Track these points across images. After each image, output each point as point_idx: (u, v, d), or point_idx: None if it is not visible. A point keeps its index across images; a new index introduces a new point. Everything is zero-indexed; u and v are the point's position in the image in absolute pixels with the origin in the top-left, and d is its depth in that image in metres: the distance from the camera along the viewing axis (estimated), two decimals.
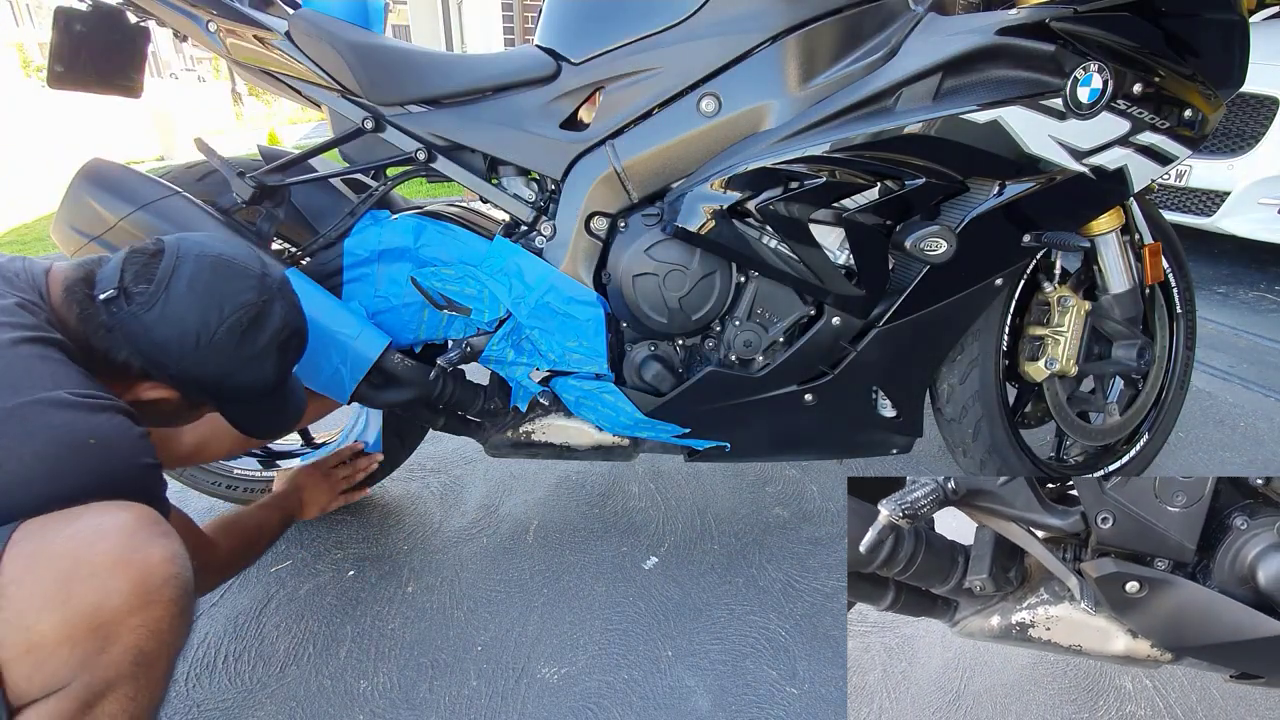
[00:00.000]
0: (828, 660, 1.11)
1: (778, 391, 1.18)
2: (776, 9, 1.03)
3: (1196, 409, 1.89)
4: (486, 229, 1.19)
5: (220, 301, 0.80)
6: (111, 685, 0.63)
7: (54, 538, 0.62)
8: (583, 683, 1.07)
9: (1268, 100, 2.76)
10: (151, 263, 0.78)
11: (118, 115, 7.31)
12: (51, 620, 0.59)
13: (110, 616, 0.61)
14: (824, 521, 1.44)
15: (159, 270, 0.78)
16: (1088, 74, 0.99)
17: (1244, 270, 3.15)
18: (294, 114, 12.83)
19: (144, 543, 0.65)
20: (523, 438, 1.25)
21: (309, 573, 1.30)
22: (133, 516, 0.66)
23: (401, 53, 1.10)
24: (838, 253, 1.12)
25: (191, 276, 0.79)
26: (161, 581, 0.65)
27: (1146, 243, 1.31)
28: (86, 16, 1.14)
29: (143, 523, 0.67)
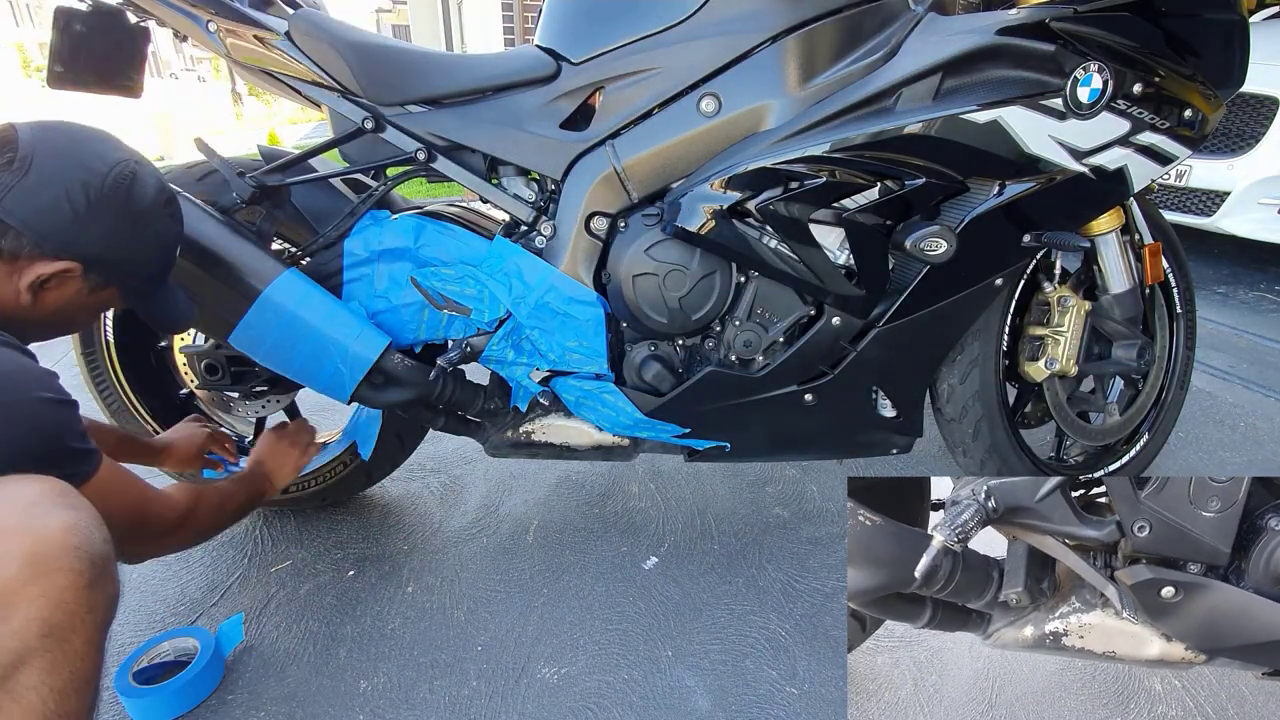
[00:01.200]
0: (828, 660, 1.11)
1: (778, 391, 1.18)
2: (776, 9, 1.03)
3: (1196, 409, 1.89)
4: (486, 229, 1.19)
5: (96, 158, 0.79)
6: (22, 657, 0.62)
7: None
8: (583, 683, 1.07)
9: (1268, 100, 2.76)
10: (7, 135, 0.76)
11: (118, 115, 7.30)
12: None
13: (5, 586, 0.61)
14: (824, 521, 1.44)
15: (18, 140, 0.76)
16: (1088, 74, 0.99)
17: (1244, 270, 3.15)
18: (294, 114, 12.83)
19: (42, 513, 0.64)
20: (523, 438, 1.25)
21: (309, 573, 1.30)
22: (36, 489, 0.66)
23: (401, 53, 1.10)
24: (838, 253, 1.12)
25: (57, 141, 0.78)
26: (60, 550, 0.64)
27: (1146, 243, 1.31)
28: (86, 16, 1.14)
29: (45, 494, 0.66)
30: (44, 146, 0.77)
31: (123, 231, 0.81)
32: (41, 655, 0.63)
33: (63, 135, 0.79)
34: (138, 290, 0.89)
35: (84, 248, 0.79)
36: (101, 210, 0.78)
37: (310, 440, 1.27)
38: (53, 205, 0.76)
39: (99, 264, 0.81)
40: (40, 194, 0.75)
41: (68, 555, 0.64)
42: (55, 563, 0.63)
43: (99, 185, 0.78)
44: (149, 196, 0.83)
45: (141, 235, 0.84)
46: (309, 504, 1.45)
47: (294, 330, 1.09)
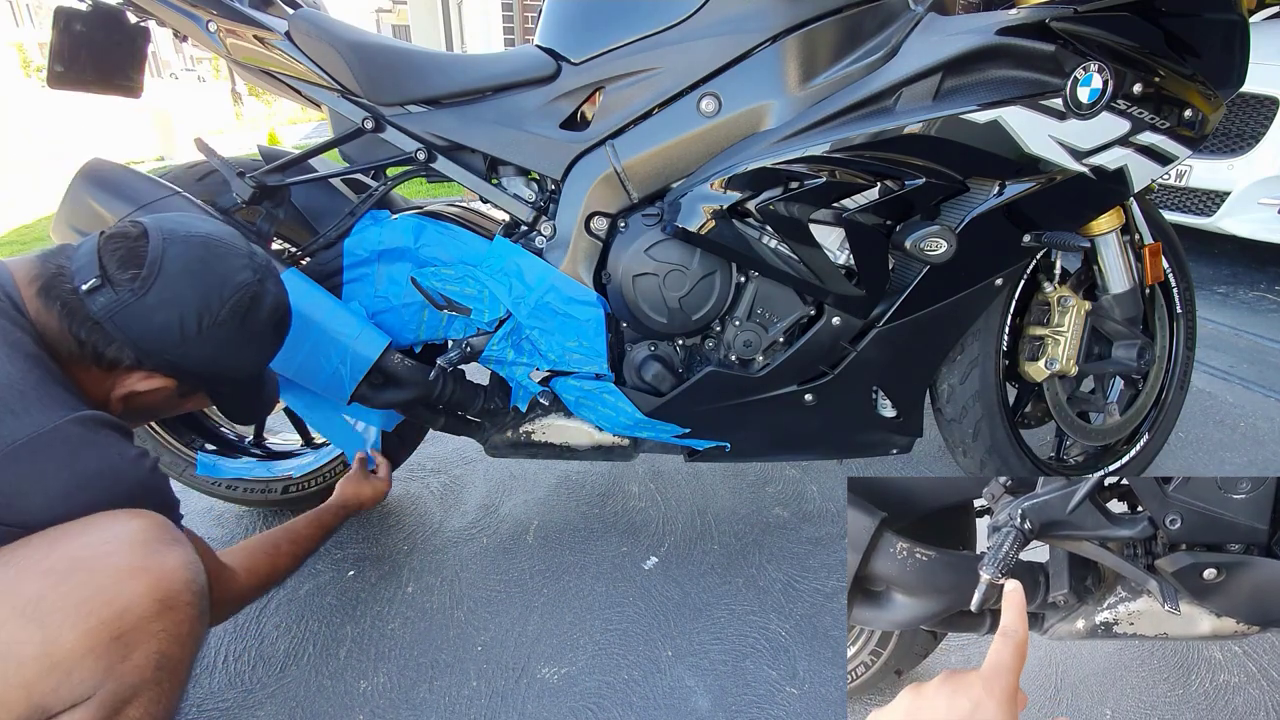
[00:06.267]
0: (828, 660, 1.11)
1: (778, 391, 1.18)
2: (776, 9, 1.03)
3: (1196, 409, 1.89)
4: (486, 229, 1.19)
5: (219, 282, 0.77)
6: (136, 691, 0.63)
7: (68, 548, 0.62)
8: (583, 683, 1.07)
9: (1268, 100, 2.76)
10: (136, 246, 0.74)
11: (118, 115, 7.31)
12: (74, 631, 0.59)
13: (132, 624, 0.62)
14: (824, 522, 1.44)
15: (147, 253, 0.74)
16: (1088, 74, 0.99)
17: (1244, 270, 3.15)
18: (294, 114, 12.83)
19: (158, 549, 0.65)
20: (523, 438, 1.25)
21: (309, 573, 1.30)
22: (142, 524, 0.66)
23: (401, 53, 1.10)
24: (838, 253, 1.12)
25: (185, 258, 0.75)
26: (181, 586, 0.65)
27: (1146, 243, 1.31)
28: (86, 16, 1.14)
29: (154, 530, 0.67)
30: (171, 264, 0.75)
31: (227, 355, 0.80)
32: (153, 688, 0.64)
33: (194, 250, 0.77)
34: (226, 394, 0.89)
35: (183, 367, 0.78)
36: (211, 336, 0.77)
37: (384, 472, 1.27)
38: (163, 329, 0.74)
39: (194, 379, 0.81)
40: (153, 316, 0.73)
41: (187, 590, 0.66)
42: (176, 599, 0.65)
43: (215, 313, 0.76)
44: (262, 321, 0.81)
45: (244, 354, 0.82)
46: (309, 504, 1.45)
47: (294, 330, 1.08)
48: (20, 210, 4.63)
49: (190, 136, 1.25)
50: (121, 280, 0.73)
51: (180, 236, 0.77)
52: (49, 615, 0.59)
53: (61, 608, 0.60)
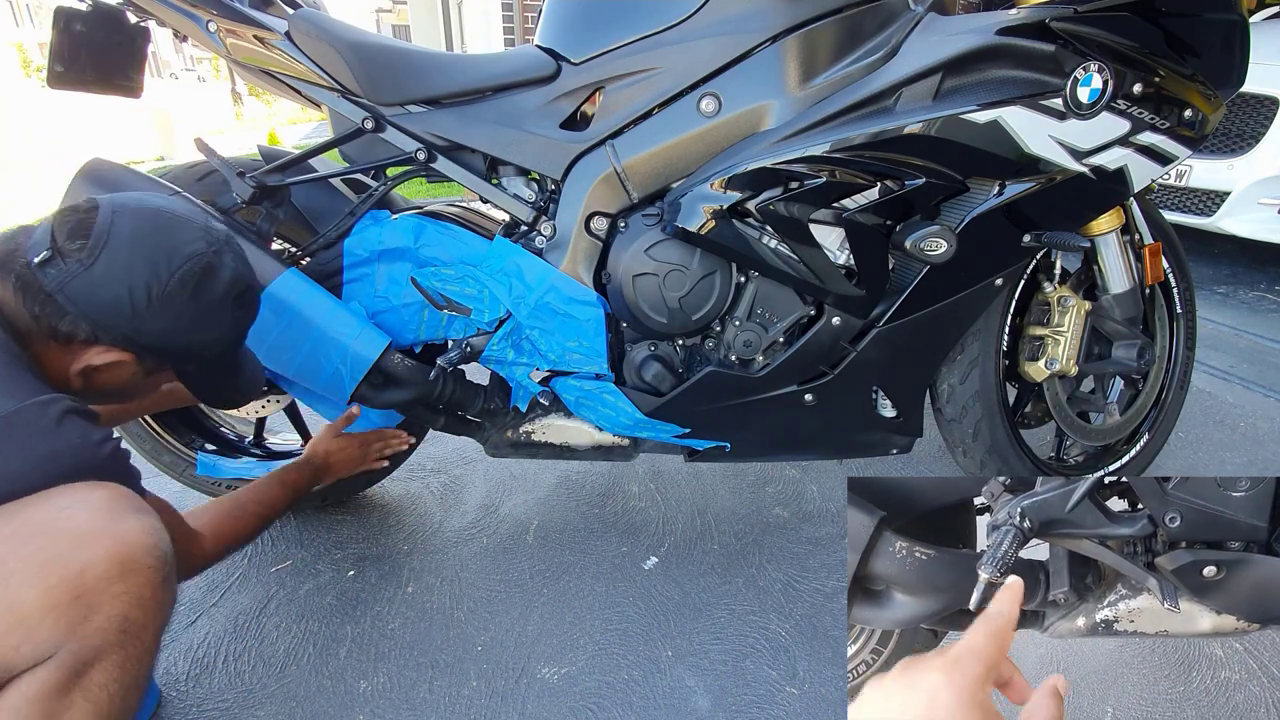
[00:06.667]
0: (828, 660, 1.11)
1: (778, 391, 1.18)
2: (776, 9, 1.03)
3: (1196, 409, 1.89)
4: (486, 229, 1.19)
5: (168, 252, 0.76)
6: (99, 653, 0.64)
7: (31, 515, 0.64)
8: (583, 683, 1.07)
9: (1268, 100, 2.76)
10: (86, 219, 0.74)
11: (118, 115, 7.30)
12: (34, 591, 0.61)
13: (92, 584, 0.63)
14: (824, 522, 1.44)
15: (95, 225, 0.74)
16: (1088, 74, 0.99)
17: (1244, 270, 3.15)
18: (294, 114, 12.82)
19: (120, 515, 0.67)
20: (523, 438, 1.25)
21: (309, 573, 1.30)
22: (105, 494, 0.68)
23: (401, 53, 1.10)
24: (838, 253, 1.12)
25: (133, 230, 0.75)
26: (141, 551, 0.66)
27: (1146, 243, 1.31)
28: (86, 16, 1.14)
29: (116, 498, 0.68)
30: (119, 234, 0.74)
31: (181, 327, 0.79)
32: (116, 651, 0.65)
33: (143, 221, 0.76)
34: (192, 373, 0.88)
35: (139, 341, 0.78)
36: (162, 308, 0.76)
37: (377, 441, 1.27)
38: (113, 301, 0.74)
39: (153, 354, 0.80)
40: (102, 288, 0.73)
41: (148, 555, 0.67)
42: (138, 562, 0.66)
43: (163, 283, 0.76)
44: (217, 292, 0.81)
45: (202, 329, 0.81)
46: (309, 504, 1.45)
47: (294, 330, 1.09)
48: (20, 210, 4.63)
49: (190, 136, 1.25)
50: (70, 250, 0.73)
51: (130, 209, 0.77)
52: (11, 577, 0.61)
53: (23, 570, 0.61)
